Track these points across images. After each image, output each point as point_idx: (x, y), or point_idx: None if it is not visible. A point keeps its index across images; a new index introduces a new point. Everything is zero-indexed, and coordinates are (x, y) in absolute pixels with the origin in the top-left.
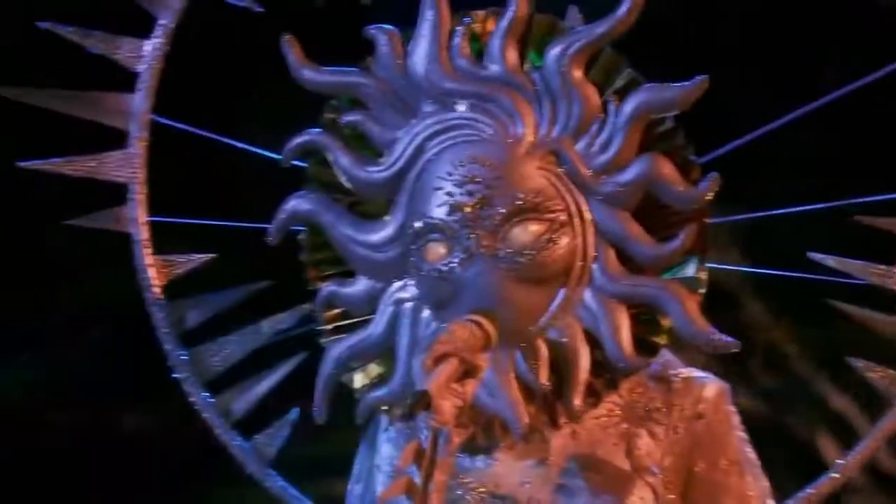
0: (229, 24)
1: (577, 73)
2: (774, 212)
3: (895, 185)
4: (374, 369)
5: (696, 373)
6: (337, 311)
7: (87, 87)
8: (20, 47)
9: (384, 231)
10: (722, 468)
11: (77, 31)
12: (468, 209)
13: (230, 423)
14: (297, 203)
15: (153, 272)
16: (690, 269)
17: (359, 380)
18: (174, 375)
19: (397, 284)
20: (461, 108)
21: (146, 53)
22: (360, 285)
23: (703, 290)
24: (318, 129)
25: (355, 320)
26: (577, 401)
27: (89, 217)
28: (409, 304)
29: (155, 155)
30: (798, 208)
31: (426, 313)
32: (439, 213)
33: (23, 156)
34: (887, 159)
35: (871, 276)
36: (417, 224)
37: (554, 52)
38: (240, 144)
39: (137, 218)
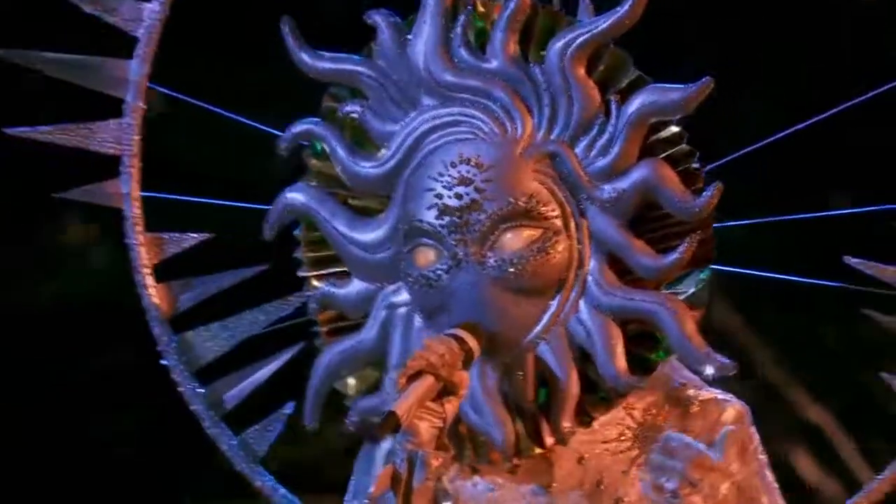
0: None
1: (580, 71)
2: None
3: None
4: (371, 374)
5: (718, 394)
6: (333, 312)
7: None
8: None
9: (378, 231)
10: None
11: None
12: (456, 213)
13: (220, 416)
14: (292, 196)
15: (144, 251)
16: (691, 284)
17: (353, 385)
18: (162, 362)
19: (391, 287)
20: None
21: (146, 17)
22: (355, 286)
23: (704, 307)
24: (316, 119)
25: (352, 322)
26: (566, 423)
27: (78, 191)
28: (401, 310)
29: (151, 126)
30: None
31: (419, 321)
32: (428, 216)
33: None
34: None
35: None
36: (406, 227)
37: (556, 47)
38: (243, 120)
39: (130, 192)
